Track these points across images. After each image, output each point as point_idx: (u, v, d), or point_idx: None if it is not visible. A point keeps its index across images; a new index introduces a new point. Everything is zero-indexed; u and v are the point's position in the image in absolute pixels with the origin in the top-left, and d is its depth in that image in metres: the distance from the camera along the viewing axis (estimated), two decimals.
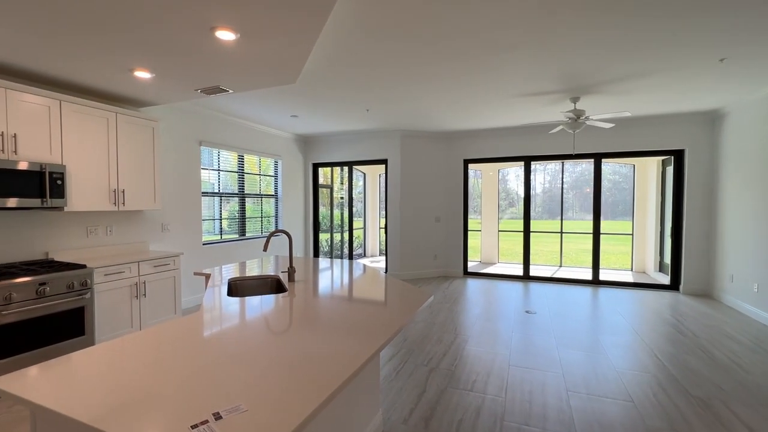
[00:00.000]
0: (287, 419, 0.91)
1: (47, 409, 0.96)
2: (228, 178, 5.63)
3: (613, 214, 16.13)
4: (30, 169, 2.91)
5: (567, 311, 4.60)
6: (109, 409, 0.94)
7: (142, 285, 3.58)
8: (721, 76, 3.70)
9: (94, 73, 3.06)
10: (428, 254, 6.81)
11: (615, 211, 16.04)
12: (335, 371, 1.16)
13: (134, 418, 0.91)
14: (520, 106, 4.75)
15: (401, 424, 2.25)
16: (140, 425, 0.88)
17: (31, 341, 2.72)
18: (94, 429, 0.88)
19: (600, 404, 2.47)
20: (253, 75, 3.09)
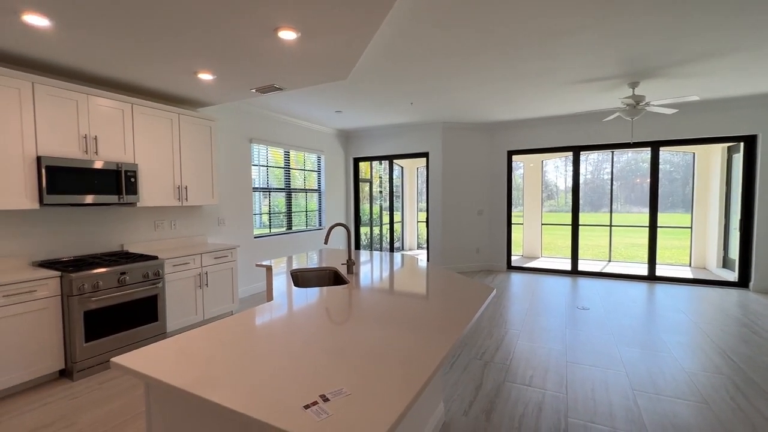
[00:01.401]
0: (390, 405, 0.95)
1: (157, 380, 1.05)
2: (275, 174, 5.83)
3: (663, 206, 15.10)
4: (108, 168, 3.17)
5: (622, 308, 4.40)
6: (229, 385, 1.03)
7: (205, 275, 3.81)
8: None
9: (162, 77, 3.26)
10: (470, 248, 6.73)
11: (665, 204, 14.99)
12: (421, 362, 1.19)
13: (260, 397, 0.98)
14: (571, 93, 4.55)
15: (462, 416, 2.26)
16: (260, 402, 0.95)
17: (114, 325, 2.99)
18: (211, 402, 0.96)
19: (671, 405, 2.35)
20: (307, 72, 3.17)
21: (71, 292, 2.73)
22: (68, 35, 2.40)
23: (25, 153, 2.74)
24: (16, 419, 2.27)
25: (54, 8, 2.06)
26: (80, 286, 2.76)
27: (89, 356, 2.83)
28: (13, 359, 2.52)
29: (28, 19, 2.16)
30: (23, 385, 2.63)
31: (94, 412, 2.33)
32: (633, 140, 5.58)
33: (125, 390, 2.61)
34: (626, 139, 5.63)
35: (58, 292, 2.74)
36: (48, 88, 2.83)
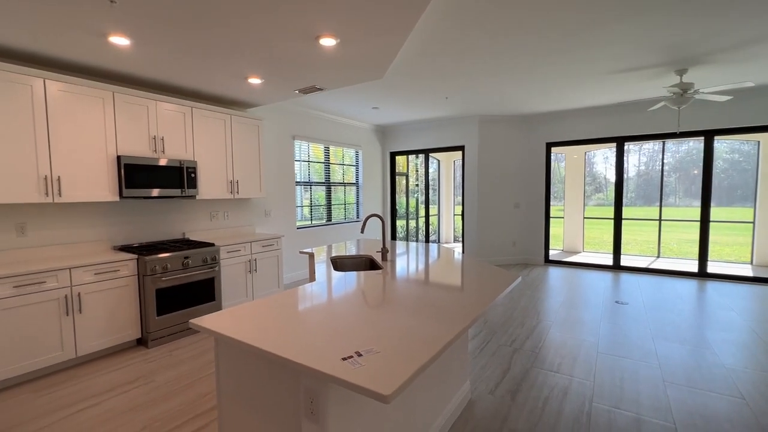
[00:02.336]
0: (410, 362, 1.14)
1: (226, 336, 1.31)
2: (315, 169, 6.17)
3: (730, 200, 13.83)
4: (172, 165, 3.60)
5: (665, 303, 4.26)
6: (282, 341, 1.27)
7: (254, 261, 4.20)
8: None
9: (217, 83, 3.63)
10: (506, 241, 6.71)
11: (733, 197, 13.69)
12: (442, 332, 1.37)
13: (306, 350, 1.22)
14: (613, 83, 4.43)
15: (488, 395, 2.41)
16: (306, 354, 1.18)
17: (179, 303, 3.42)
18: (268, 353, 1.20)
19: (703, 397, 2.35)
20: (345, 73, 3.39)
21: (146, 272, 3.17)
22: (143, 51, 2.79)
23: (108, 153, 3.20)
24: (103, 377, 2.72)
25: (134, 30, 2.42)
26: (153, 268, 3.21)
27: (160, 328, 3.28)
28: (101, 327, 3.00)
29: (113, 40, 2.55)
30: (109, 349, 3.11)
31: (167, 374, 2.74)
32: (680, 130, 5.29)
33: (192, 357, 3.01)
34: (673, 128, 5.35)
35: (135, 272, 3.20)
36: (125, 96, 3.28)
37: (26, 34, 2.46)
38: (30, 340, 2.64)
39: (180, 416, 2.21)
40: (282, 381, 1.32)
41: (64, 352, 2.80)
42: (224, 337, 1.35)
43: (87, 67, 3.09)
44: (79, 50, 2.75)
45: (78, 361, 2.94)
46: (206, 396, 2.43)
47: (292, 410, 1.29)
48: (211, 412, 2.25)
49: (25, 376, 2.68)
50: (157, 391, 2.51)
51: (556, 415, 2.19)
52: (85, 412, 2.27)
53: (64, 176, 2.95)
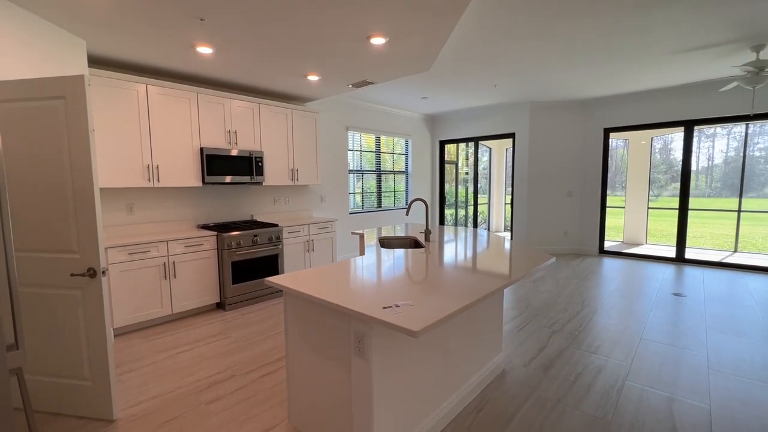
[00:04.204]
0: (440, 312, 1.39)
1: (290, 289, 1.66)
2: (367, 158, 6.51)
3: None
4: (243, 155, 4.12)
5: (730, 298, 4.02)
6: (337, 294, 1.59)
7: (311, 242, 4.66)
8: None
9: (281, 81, 4.06)
10: (557, 230, 6.58)
11: None
12: (469, 294, 1.60)
13: (356, 301, 1.53)
14: (677, 63, 4.18)
15: (521, 367, 2.58)
16: (356, 303, 1.49)
17: (250, 275, 3.96)
18: (317, 299, 1.52)
19: (748, 386, 2.32)
20: (394, 68, 3.63)
21: (223, 246, 3.73)
22: (222, 58, 3.26)
23: (193, 145, 3.77)
24: (193, 330, 3.31)
25: (217, 41, 2.87)
26: (229, 243, 3.76)
27: (235, 294, 3.84)
28: (190, 291, 3.61)
29: (199, 50, 3.04)
30: (195, 309, 3.73)
31: (241, 332, 3.26)
32: (754, 112, 4.81)
33: (261, 320, 3.53)
34: (747, 110, 4.87)
35: (215, 247, 3.77)
36: (206, 96, 3.82)
37: (134, 47, 3.02)
38: (139, 297, 3.30)
39: (254, 363, 2.68)
40: (336, 325, 1.64)
41: (163, 309, 3.44)
42: (292, 291, 1.71)
43: (177, 72, 3.67)
44: (172, 59, 3.29)
45: (174, 317, 3.58)
46: (274, 350, 2.89)
47: (344, 350, 1.62)
48: (278, 362, 2.69)
49: (136, 326, 3.35)
50: (235, 344, 3.02)
51: (586, 388, 2.31)
52: (182, 355, 2.83)
53: (161, 165, 3.56)
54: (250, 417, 2.06)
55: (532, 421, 2.01)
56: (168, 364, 2.68)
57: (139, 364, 2.70)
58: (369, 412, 1.53)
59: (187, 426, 1.99)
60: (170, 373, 2.55)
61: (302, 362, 1.85)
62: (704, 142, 13.85)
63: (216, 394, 2.29)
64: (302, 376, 1.86)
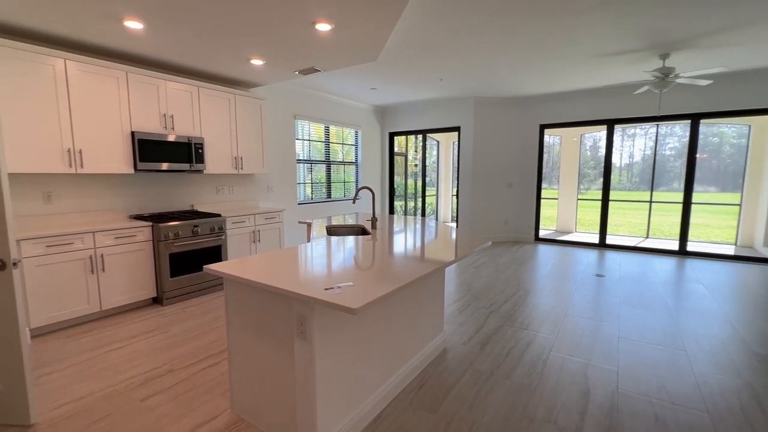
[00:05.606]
0: (378, 291, 1.45)
1: (231, 275, 1.64)
2: (316, 148, 6.42)
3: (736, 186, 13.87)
4: (181, 141, 3.88)
5: (640, 277, 4.58)
6: (280, 279, 1.59)
7: (258, 232, 4.53)
8: None
9: (222, 64, 3.86)
10: (499, 219, 7.00)
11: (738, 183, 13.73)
12: (408, 275, 1.68)
13: (298, 285, 1.54)
14: (600, 67, 4.60)
15: (461, 345, 2.76)
16: (298, 287, 1.50)
17: (190, 267, 3.78)
18: (260, 284, 1.52)
19: (649, 350, 2.68)
20: (341, 56, 3.62)
21: (160, 237, 3.51)
22: (155, 35, 3.03)
23: (123, 129, 3.49)
24: (126, 327, 3.10)
25: (148, 15, 2.67)
26: (166, 234, 3.54)
27: (174, 288, 3.65)
28: (122, 285, 3.36)
29: (128, 24, 2.80)
30: (129, 305, 3.49)
31: (181, 326, 3.11)
32: (660, 113, 5.48)
33: (202, 313, 3.39)
34: (657, 112, 5.53)
35: (150, 238, 3.54)
36: (137, 76, 3.54)
37: (47, 15, 2.72)
38: (61, 294, 3.01)
39: (195, 356, 2.58)
40: (278, 310, 1.65)
41: (90, 306, 3.18)
42: (232, 277, 1.68)
43: (103, 48, 3.35)
44: (96, 33, 3.00)
45: (103, 314, 3.32)
46: (217, 341, 2.80)
47: (287, 333, 1.63)
48: (220, 354, 2.62)
49: (59, 325, 3.06)
50: (175, 338, 2.88)
51: (516, 360, 2.54)
52: (113, 353, 2.64)
53: (85, 149, 3.25)
54: (191, 410, 2.00)
55: (467, 392, 2.17)
56: (97, 363, 2.50)
57: (63, 364, 2.49)
58: (312, 393, 1.57)
59: (119, 424, 1.89)
60: (99, 372, 2.38)
61: (245, 350, 1.83)
62: (626, 141, 15.51)
63: (152, 389, 2.19)
64: (245, 363, 1.84)
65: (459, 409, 2.01)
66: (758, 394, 2.14)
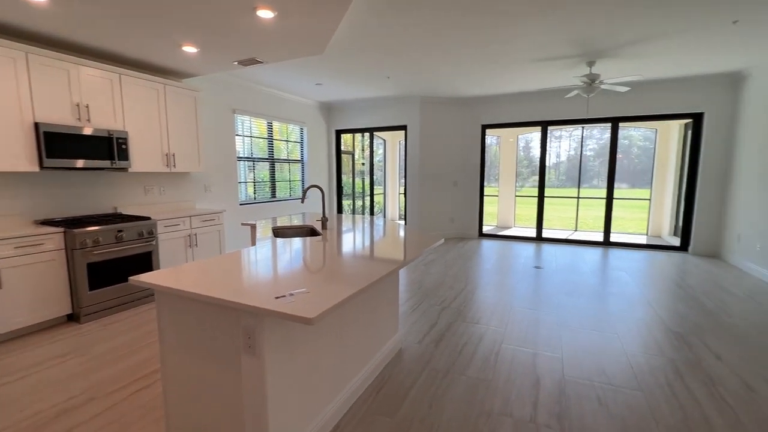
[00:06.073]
0: (335, 297, 1.36)
1: (163, 287, 1.44)
2: (258, 145, 6.08)
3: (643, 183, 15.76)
4: (100, 135, 3.42)
5: (573, 267, 4.95)
6: (222, 289, 1.42)
7: (194, 236, 4.15)
8: (737, 38, 3.75)
9: (148, 49, 3.46)
10: (445, 217, 7.19)
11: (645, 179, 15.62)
12: (365, 278, 1.60)
13: (245, 294, 1.38)
14: (535, 71, 4.89)
15: (416, 344, 2.74)
16: (244, 296, 1.35)
17: (115, 277, 3.34)
18: (202, 296, 1.35)
19: (587, 335, 2.88)
20: (285, 47, 3.42)
21: (75, 245, 3.05)
22: (62, 9, 2.61)
23: (23, 119, 2.97)
24: (32, 352, 2.65)
25: None
26: (83, 241, 3.09)
27: (94, 303, 3.20)
28: (27, 303, 2.87)
29: None
30: (37, 325, 2.99)
31: (104, 345, 2.73)
32: (588, 116, 6.01)
33: (131, 329, 3.01)
34: (584, 114, 6.04)
35: (63, 246, 3.06)
36: (41, 58, 3.04)
37: None
38: None
39: (122, 379, 2.27)
40: (221, 323, 1.47)
41: None
42: (166, 290, 1.47)
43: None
44: None
45: (2, 338, 2.80)
46: (149, 361, 2.49)
47: (232, 349, 1.46)
48: (153, 374, 2.33)
49: None
50: (96, 360, 2.51)
51: (470, 355, 2.58)
52: (12, 385, 2.23)
53: None
54: None
55: (425, 391, 2.14)
56: None
57: None
58: (262, 412, 1.43)
59: None
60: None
61: (182, 369, 1.62)
62: (554, 142, 17.02)
63: (67, 424, 1.87)
64: (183, 384, 1.63)
65: (418, 410, 1.98)
66: (679, 369, 2.39)
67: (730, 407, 2.00)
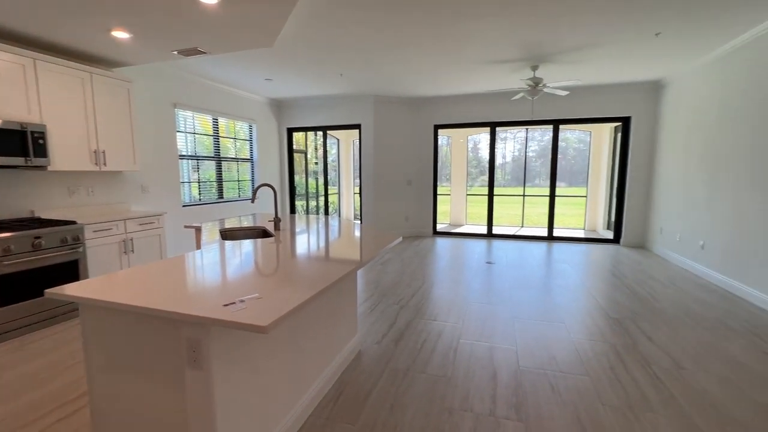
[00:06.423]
0: (290, 302, 1.27)
1: (87, 300, 1.27)
2: (203, 143, 5.69)
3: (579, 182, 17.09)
4: (10, 128, 2.98)
5: (522, 262, 5.20)
6: (161, 298, 1.27)
7: (130, 242, 3.78)
8: (659, 50, 4.14)
9: (71, 32, 3.08)
10: (400, 216, 7.23)
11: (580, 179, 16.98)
12: (321, 281, 1.52)
13: (188, 302, 1.24)
14: (485, 73, 5.07)
15: (375, 345, 2.70)
16: (187, 305, 1.21)
17: (30, 291, 2.93)
18: (134, 307, 1.20)
19: (538, 326, 3.02)
20: (231, 38, 3.21)
21: None
22: None
23: None
24: None
25: None
26: None
27: (5, 321, 2.77)
28: None
29: None
30: None
31: (16, 371, 2.37)
32: (533, 118, 6.37)
33: (53, 348, 2.65)
34: (529, 116, 6.39)
35: None
36: None
37: None
38: None
39: (41, 408, 1.98)
40: (161, 337, 1.32)
41: None
42: (91, 302, 1.28)
43: None
44: None
45: None
46: (74, 383, 2.20)
47: (173, 364, 1.32)
48: (79, 399, 2.06)
49: None
50: (6, 388, 2.17)
51: (430, 352, 2.58)
52: None
53: None
54: None
55: (386, 393, 2.10)
56: None
57: None
58: (211, 430, 1.29)
59: None
60: None
61: (114, 391, 1.43)
62: (500, 144, 18.01)
63: None
64: (115, 408, 1.44)
65: (380, 413, 1.93)
66: (620, 353, 2.57)
67: (663, 385, 2.18)
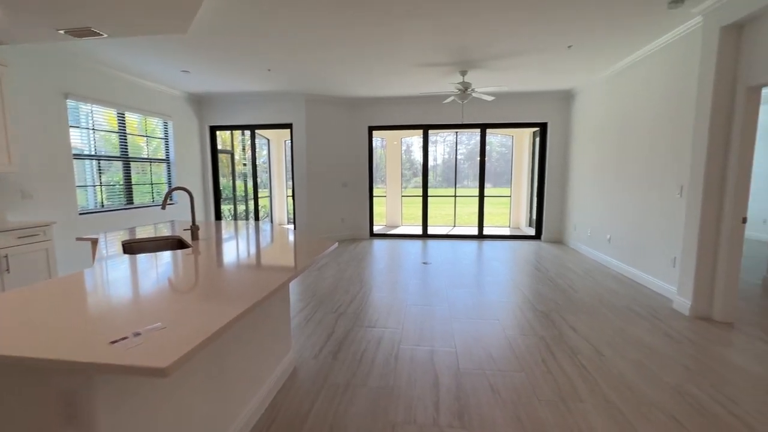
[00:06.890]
0: (201, 332, 1.05)
1: None
2: (109, 140, 4.95)
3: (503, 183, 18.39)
4: None
5: (456, 260, 5.35)
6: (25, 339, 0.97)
7: (4, 259, 3.10)
8: (570, 62, 4.53)
9: None
10: (336, 218, 7.05)
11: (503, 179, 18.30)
12: (243, 301, 1.32)
13: (60, 342, 0.96)
14: (417, 76, 5.12)
15: (312, 359, 2.51)
16: (57, 346, 0.94)
17: None
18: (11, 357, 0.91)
19: (475, 324, 3.07)
20: (135, 18, 2.79)
21: None
22: None
23: None
24: None
25: None
26: None
27: None
28: None
29: None
30: None
31: None
32: (463, 121, 6.64)
33: None
34: (459, 120, 6.65)
35: None
36: None
37: None
38: None
39: None
40: (24, 390, 1.01)
41: None
42: None
43: None
44: None
45: None
46: None
47: (43, 424, 1.02)
48: None
49: None
50: None
51: (370, 363, 2.46)
52: None
53: None
54: None
55: (325, 413, 1.94)
56: None
57: None
58: None
59: None
60: None
61: None
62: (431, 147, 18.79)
63: None
64: None
65: None
66: (549, 344, 2.70)
67: (588, 373, 2.32)
